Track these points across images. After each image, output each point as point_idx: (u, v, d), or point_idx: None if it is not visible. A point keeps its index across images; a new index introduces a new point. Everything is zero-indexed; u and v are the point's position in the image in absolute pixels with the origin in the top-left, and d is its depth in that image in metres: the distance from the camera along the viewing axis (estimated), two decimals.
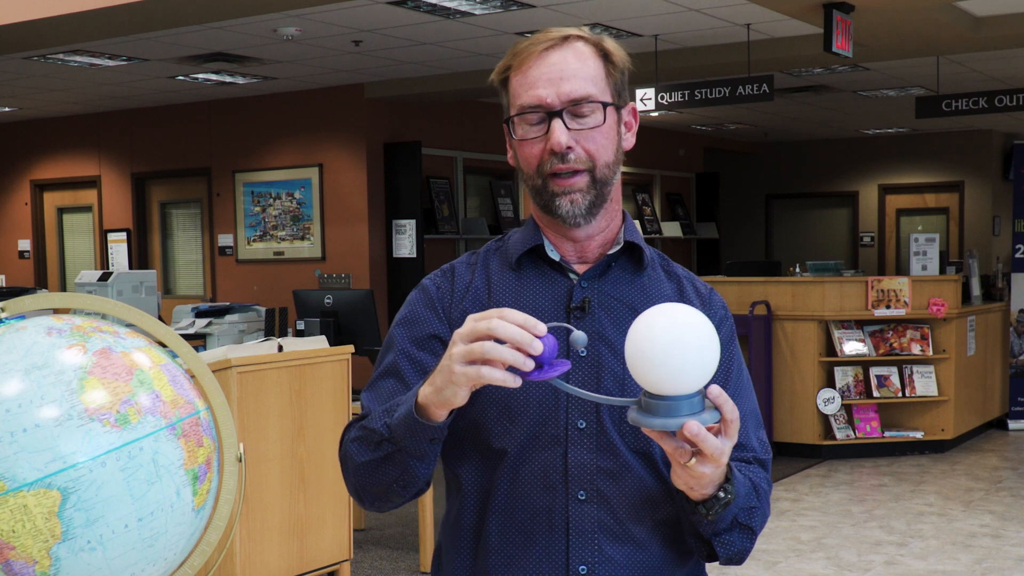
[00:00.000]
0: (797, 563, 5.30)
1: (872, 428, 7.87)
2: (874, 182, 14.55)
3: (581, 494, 1.53)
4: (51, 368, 1.35)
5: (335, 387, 4.67)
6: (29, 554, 1.31)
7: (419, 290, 1.67)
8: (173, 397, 1.43)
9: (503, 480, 1.56)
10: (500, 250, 1.67)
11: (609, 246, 1.62)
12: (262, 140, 10.01)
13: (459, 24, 7.14)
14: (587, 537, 1.53)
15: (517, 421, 1.54)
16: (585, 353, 1.52)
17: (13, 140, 11.73)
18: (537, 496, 1.54)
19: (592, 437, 1.54)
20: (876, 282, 7.84)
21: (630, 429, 1.53)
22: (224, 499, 1.57)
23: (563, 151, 1.52)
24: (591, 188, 1.54)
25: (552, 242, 1.61)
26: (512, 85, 1.56)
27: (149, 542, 1.37)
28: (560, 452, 1.54)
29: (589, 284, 1.60)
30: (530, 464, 1.54)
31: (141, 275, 6.66)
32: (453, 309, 1.61)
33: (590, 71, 1.54)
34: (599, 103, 1.53)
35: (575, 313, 1.57)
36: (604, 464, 1.54)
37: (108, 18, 6.25)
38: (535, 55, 1.54)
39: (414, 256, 9.31)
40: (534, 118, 1.54)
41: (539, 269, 1.62)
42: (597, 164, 1.54)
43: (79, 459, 1.31)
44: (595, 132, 1.53)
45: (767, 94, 7.39)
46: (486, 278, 1.64)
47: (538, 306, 1.59)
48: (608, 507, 1.54)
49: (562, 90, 1.52)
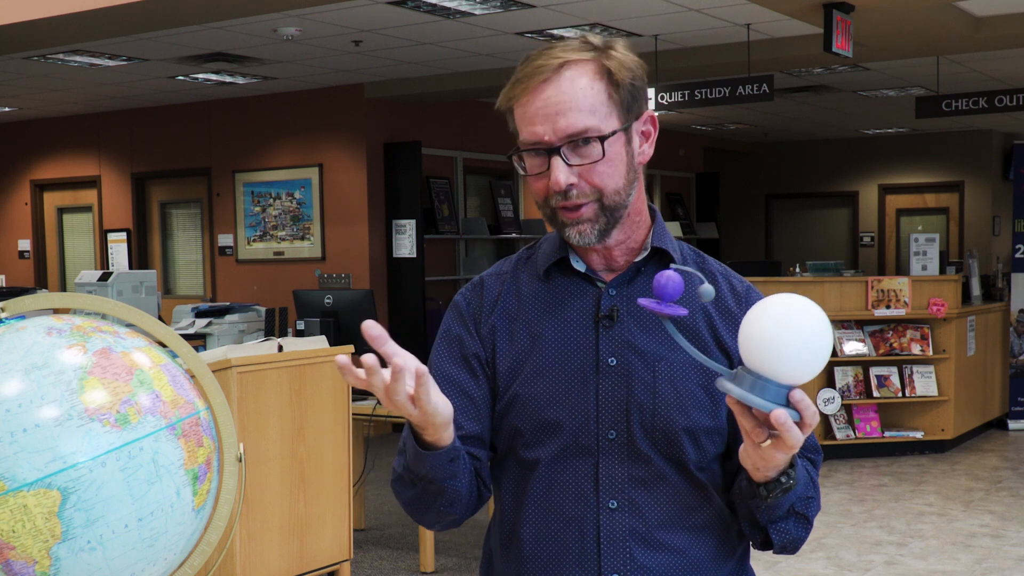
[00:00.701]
0: (797, 563, 5.30)
1: (872, 428, 7.87)
2: (874, 182, 14.55)
3: (612, 503, 1.54)
4: (51, 368, 1.35)
5: (335, 387, 4.67)
6: (29, 554, 1.31)
7: (452, 308, 1.68)
8: (173, 397, 1.43)
9: (536, 489, 1.57)
10: (530, 259, 1.66)
11: (636, 253, 1.60)
12: (262, 140, 10.01)
13: (459, 24, 7.14)
14: (618, 545, 1.54)
15: (550, 433, 1.55)
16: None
17: (13, 140, 11.73)
18: (569, 506, 1.55)
19: (623, 447, 1.54)
20: (876, 282, 7.84)
21: (662, 436, 1.54)
22: (224, 499, 1.57)
23: (563, 190, 1.50)
24: (600, 216, 1.53)
25: (577, 252, 1.60)
26: (516, 116, 1.55)
27: (149, 542, 1.37)
28: (591, 463, 1.55)
29: (617, 292, 1.59)
30: (562, 475, 1.56)
31: (141, 275, 6.66)
32: (482, 324, 1.62)
33: (588, 101, 1.50)
34: (597, 138, 1.50)
35: (603, 323, 1.57)
36: (635, 473, 1.54)
37: (108, 18, 6.25)
38: (530, 89, 1.51)
39: (414, 256, 9.30)
40: (534, 154, 1.52)
41: (568, 279, 1.61)
42: (605, 193, 1.52)
43: (79, 459, 1.31)
44: (597, 165, 1.50)
45: (767, 94, 7.39)
46: (516, 290, 1.63)
47: (567, 317, 1.59)
48: (640, 515, 1.54)
49: (559, 126, 1.49)
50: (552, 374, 1.56)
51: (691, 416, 1.54)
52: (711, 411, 1.55)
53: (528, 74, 1.51)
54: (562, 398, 1.55)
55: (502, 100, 1.57)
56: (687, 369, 1.55)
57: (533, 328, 1.59)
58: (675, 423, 1.53)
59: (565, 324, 1.58)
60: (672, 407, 1.54)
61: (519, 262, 1.67)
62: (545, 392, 1.56)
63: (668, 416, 1.54)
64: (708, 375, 1.55)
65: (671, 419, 1.53)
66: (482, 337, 1.61)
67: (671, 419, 1.53)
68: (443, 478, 1.46)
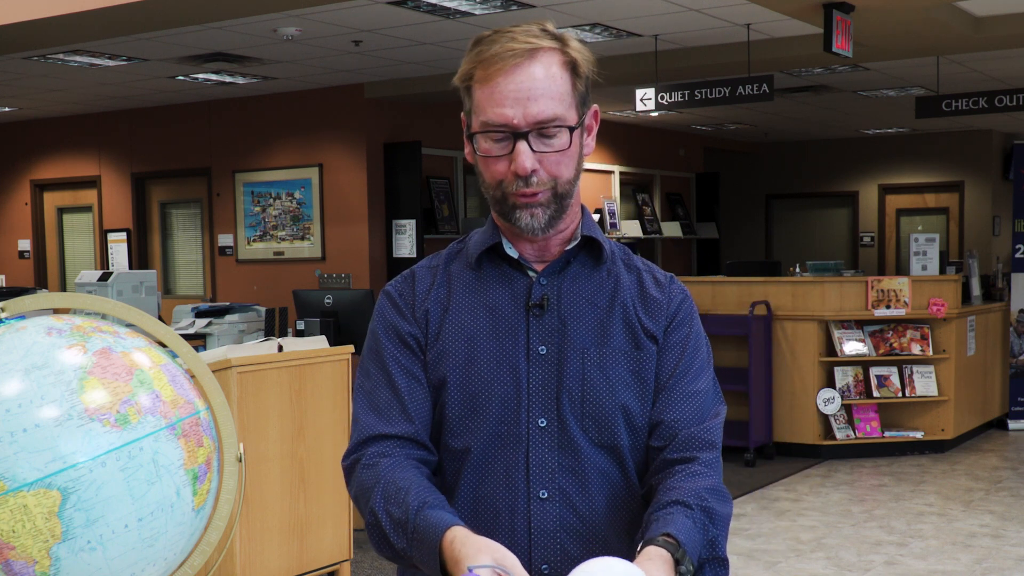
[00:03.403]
0: (797, 563, 5.29)
1: (872, 428, 7.86)
2: (874, 182, 14.55)
3: (543, 493, 1.54)
4: (51, 368, 1.35)
5: (335, 387, 4.67)
6: (29, 554, 1.31)
7: (384, 296, 1.68)
8: (173, 397, 1.43)
9: (468, 478, 1.56)
10: (461, 251, 1.68)
11: (568, 242, 1.62)
12: (262, 140, 10.01)
13: (459, 24, 7.14)
14: (549, 536, 1.53)
15: (479, 419, 1.55)
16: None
17: (13, 140, 11.73)
18: (500, 495, 1.55)
19: (553, 435, 1.54)
20: (876, 282, 7.84)
21: (593, 422, 1.54)
22: (224, 499, 1.57)
23: (527, 175, 1.51)
24: (551, 202, 1.54)
25: (511, 241, 1.61)
26: (477, 95, 1.53)
27: (149, 542, 1.37)
28: (522, 451, 1.54)
29: (548, 281, 1.60)
30: (493, 464, 1.55)
31: (141, 275, 6.66)
32: (416, 310, 1.63)
33: (558, 88, 1.51)
34: (567, 127, 1.51)
35: (534, 311, 1.58)
36: (566, 462, 1.54)
37: (108, 18, 6.25)
38: (503, 71, 1.50)
39: (414, 256, 9.31)
40: (499, 135, 1.52)
41: (499, 268, 1.62)
42: (559, 182, 1.53)
43: (79, 459, 1.31)
44: (559, 155, 1.52)
45: (767, 94, 7.38)
46: (447, 279, 1.64)
47: (497, 304, 1.59)
48: (570, 506, 1.54)
49: (529, 111, 1.49)
50: (482, 362, 1.56)
51: (621, 396, 1.55)
52: (639, 394, 1.57)
53: (498, 55, 1.50)
54: (491, 385, 1.55)
55: (461, 76, 1.56)
56: (616, 355, 1.57)
57: (464, 315, 1.60)
58: (606, 404, 1.54)
59: (496, 312, 1.59)
60: (602, 391, 1.55)
61: (450, 255, 1.69)
62: (474, 379, 1.56)
63: (598, 400, 1.54)
64: (637, 361, 1.57)
65: (601, 402, 1.54)
66: (416, 321, 1.62)
67: (601, 402, 1.54)
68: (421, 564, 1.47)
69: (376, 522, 1.50)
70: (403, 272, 1.71)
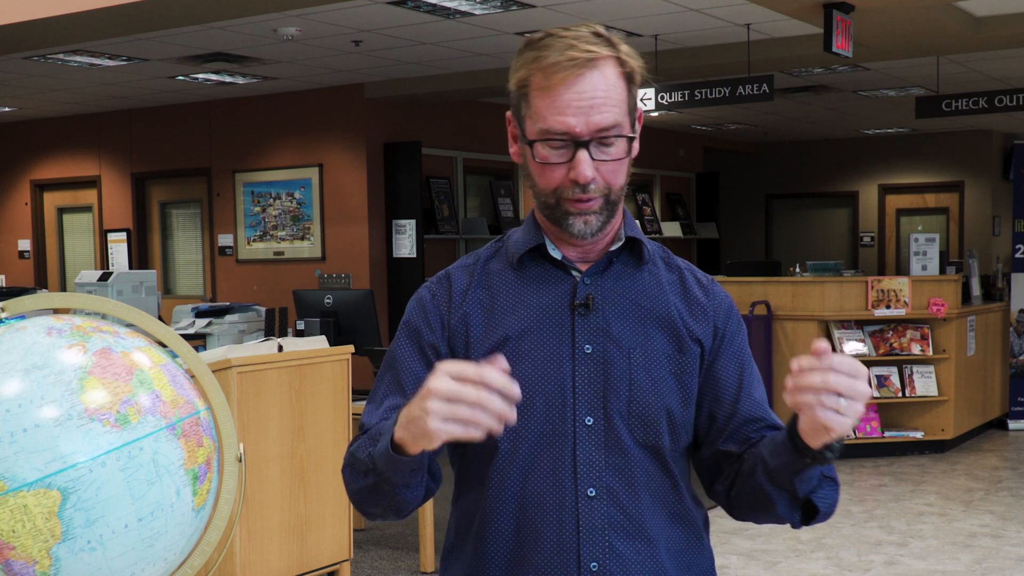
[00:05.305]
0: (797, 563, 5.29)
1: (872, 428, 7.86)
2: (874, 182, 14.55)
3: (591, 491, 1.55)
4: (51, 368, 1.35)
5: (335, 387, 4.67)
6: (29, 554, 1.31)
7: (415, 300, 1.68)
8: (173, 397, 1.43)
9: (513, 479, 1.57)
10: (499, 252, 1.67)
11: (611, 243, 1.62)
12: (262, 140, 10.01)
13: (459, 24, 7.14)
14: (597, 534, 1.54)
15: (526, 418, 1.55)
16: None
17: (13, 140, 11.73)
18: (547, 494, 1.55)
19: (600, 434, 1.56)
20: (876, 282, 7.84)
21: (639, 422, 1.56)
22: (224, 499, 1.57)
23: (587, 183, 1.52)
24: (604, 209, 1.55)
25: (553, 242, 1.62)
26: (536, 103, 1.53)
27: (149, 542, 1.37)
28: (569, 449, 1.55)
29: (592, 281, 1.60)
30: (540, 462, 1.56)
31: (141, 275, 6.66)
32: (452, 314, 1.62)
33: (617, 97, 1.53)
34: (625, 137, 1.53)
35: (579, 310, 1.58)
36: (613, 461, 1.56)
37: (108, 18, 6.25)
38: (565, 81, 1.50)
39: (414, 256, 9.30)
40: (558, 143, 1.52)
41: (541, 267, 1.62)
42: (613, 190, 1.55)
43: (79, 459, 1.31)
44: (616, 163, 1.53)
45: (767, 94, 7.38)
46: (486, 280, 1.64)
47: (542, 304, 1.60)
48: (618, 504, 1.55)
49: (592, 120, 1.50)
50: (528, 361, 1.57)
51: (666, 398, 1.58)
52: (682, 399, 1.59)
53: (559, 64, 1.51)
54: (538, 384, 1.56)
55: (517, 83, 1.56)
56: (660, 358, 1.59)
57: (508, 316, 1.60)
58: (652, 405, 1.56)
59: (540, 312, 1.59)
60: (648, 392, 1.57)
61: (487, 255, 1.68)
62: (520, 378, 1.54)
63: (644, 401, 1.56)
64: (679, 364, 1.60)
65: (648, 403, 1.56)
66: (451, 328, 1.61)
67: (648, 403, 1.56)
68: (400, 484, 1.48)
69: (348, 455, 1.57)
70: (438, 273, 1.69)
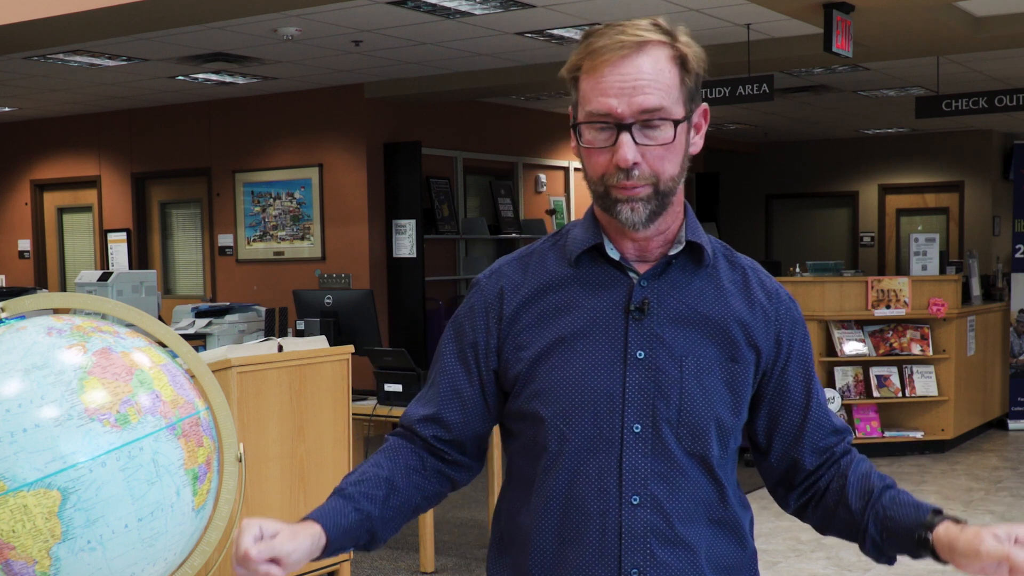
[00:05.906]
0: (797, 563, 5.29)
1: (872, 428, 7.86)
2: (874, 182, 14.55)
3: (635, 499, 1.53)
4: (51, 368, 1.35)
5: (335, 387, 4.67)
6: (29, 554, 1.30)
7: (473, 290, 1.67)
8: (173, 397, 1.43)
9: (559, 481, 1.56)
10: (557, 245, 1.64)
11: (671, 245, 1.59)
12: (262, 140, 10.01)
13: (459, 24, 7.14)
14: (639, 541, 1.53)
15: (574, 422, 1.54)
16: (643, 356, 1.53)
17: (13, 140, 11.73)
18: (591, 499, 1.54)
19: (647, 441, 1.54)
20: (876, 282, 7.84)
21: (688, 431, 1.54)
22: (224, 499, 1.57)
23: (629, 168, 1.49)
24: (652, 198, 1.51)
25: (612, 239, 1.59)
26: (583, 86, 1.52)
27: (149, 542, 1.37)
28: (615, 456, 1.53)
29: (648, 284, 1.57)
30: (586, 467, 1.54)
31: (141, 275, 6.65)
32: (504, 311, 1.61)
33: (665, 81, 1.50)
34: (671, 120, 1.50)
35: (634, 315, 1.55)
36: (658, 468, 1.54)
37: (108, 18, 6.25)
38: (610, 62, 1.49)
39: (414, 256, 9.30)
40: (602, 125, 1.50)
41: (599, 267, 1.59)
42: (661, 179, 1.51)
43: (79, 459, 1.31)
44: (663, 148, 1.50)
45: (767, 94, 7.38)
46: (542, 276, 1.61)
47: (597, 306, 1.57)
48: (661, 512, 1.54)
49: (634, 101, 1.48)
50: (579, 363, 1.54)
51: (716, 408, 1.55)
52: (733, 407, 1.57)
53: (606, 47, 1.50)
54: (588, 388, 1.54)
55: (569, 68, 1.55)
56: (712, 366, 1.55)
57: (562, 316, 1.57)
58: (702, 415, 1.54)
59: (595, 313, 1.56)
60: (698, 402, 1.54)
61: (544, 248, 1.65)
62: (571, 380, 1.54)
63: (694, 410, 1.54)
64: (731, 373, 1.56)
65: (697, 413, 1.54)
66: (503, 325, 1.60)
67: (697, 413, 1.54)
68: (369, 540, 1.61)
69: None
70: (492, 266, 1.67)
